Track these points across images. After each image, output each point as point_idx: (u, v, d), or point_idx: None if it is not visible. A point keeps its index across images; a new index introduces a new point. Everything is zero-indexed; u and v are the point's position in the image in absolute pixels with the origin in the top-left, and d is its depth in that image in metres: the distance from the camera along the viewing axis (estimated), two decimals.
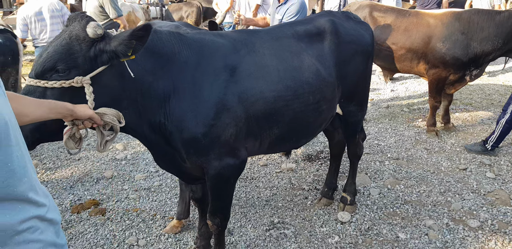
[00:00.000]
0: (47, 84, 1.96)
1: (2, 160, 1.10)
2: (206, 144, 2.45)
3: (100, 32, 2.01)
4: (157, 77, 2.31)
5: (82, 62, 2.01)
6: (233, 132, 2.50)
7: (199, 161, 2.54)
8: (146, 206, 3.99)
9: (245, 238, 3.46)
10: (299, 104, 2.75)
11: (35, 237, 1.25)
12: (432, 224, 3.57)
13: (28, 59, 10.71)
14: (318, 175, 4.57)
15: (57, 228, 1.39)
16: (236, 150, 2.60)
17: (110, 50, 2.03)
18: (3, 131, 1.08)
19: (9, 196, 1.15)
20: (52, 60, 1.97)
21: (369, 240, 3.41)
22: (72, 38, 2.03)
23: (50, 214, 1.33)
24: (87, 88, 2.00)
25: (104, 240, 3.47)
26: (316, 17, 3.22)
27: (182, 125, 2.39)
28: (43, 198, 1.32)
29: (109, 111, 2.04)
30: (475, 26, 5.00)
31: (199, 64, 2.44)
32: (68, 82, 1.97)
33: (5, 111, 1.11)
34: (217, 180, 2.62)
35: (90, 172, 4.74)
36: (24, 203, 1.21)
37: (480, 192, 4.13)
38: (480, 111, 6.71)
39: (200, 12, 11.85)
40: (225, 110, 2.45)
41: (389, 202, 3.97)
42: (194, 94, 2.39)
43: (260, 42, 2.76)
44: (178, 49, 2.40)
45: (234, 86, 2.49)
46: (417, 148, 5.26)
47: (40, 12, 5.96)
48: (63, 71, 1.98)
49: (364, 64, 3.31)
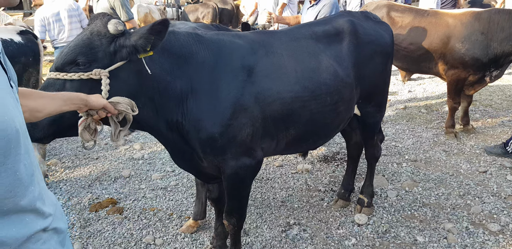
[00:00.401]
0: (66, 76, 2.03)
1: (11, 168, 1.07)
2: (223, 143, 2.46)
3: (121, 28, 2.08)
4: (174, 77, 2.34)
5: (102, 57, 2.08)
6: (249, 132, 2.51)
7: (216, 161, 2.56)
8: (162, 205, 4.01)
9: (260, 238, 3.46)
10: (317, 105, 2.75)
11: (36, 247, 1.21)
12: (451, 228, 3.52)
13: (48, 60, 10.84)
14: (335, 176, 4.54)
15: (62, 237, 1.35)
16: (253, 150, 2.61)
17: (129, 45, 2.09)
18: (14, 138, 1.06)
19: (16, 206, 1.11)
20: (73, 54, 2.05)
21: (387, 243, 3.37)
22: (93, 34, 2.11)
23: (55, 223, 1.30)
24: (104, 80, 2.05)
25: (121, 238, 3.50)
26: (335, 18, 3.20)
27: (199, 124, 2.41)
28: (50, 206, 1.30)
29: (122, 100, 2.06)
30: (495, 26, 4.92)
31: (217, 64, 2.45)
32: (86, 74, 2.03)
33: (16, 119, 1.09)
34: (234, 179, 2.63)
35: (108, 171, 4.78)
36: (31, 215, 1.18)
37: (500, 195, 4.06)
38: (500, 112, 6.61)
39: (216, 13, 11.88)
40: (242, 110, 2.46)
41: (406, 205, 3.92)
42: (211, 94, 2.41)
43: (278, 43, 2.76)
44: (196, 49, 2.43)
45: (251, 87, 2.50)
46: (435, 150, 5.20)
47: (58, 12, 6.02)
48: (83, 64, 2.05)
49: (383, 65, 3.28)
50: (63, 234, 1.36)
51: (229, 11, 12.21)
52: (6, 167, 1.06)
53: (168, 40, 2.34)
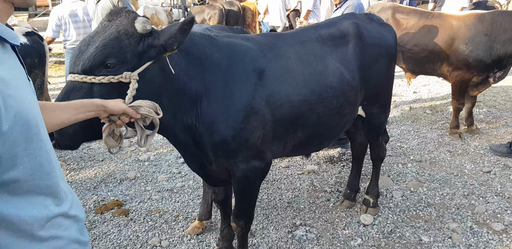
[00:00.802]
0: (95, 79, 1.93)
1: (33, 153, 1.13)
2: (235, 146, 2.47)
3: (149, 27, 2.01)
4: (190, 78, 2.32)
5: (131, 58, 2.00)
6: (260, 135, 2.53)
7: (227, 164, 2.56)
8: (168, 207, 4.03)
9: (267, 239, 3.47)
10: (323, 108, 2.77)
11: (59, 233, 1.27)
12: (456, 227, 3.54)
13: (53, 61, 10.89)
14: (340, 177, 4.56)
15: (80, 226, 1.41)
16: (263, 152, 2.62)
17: (159, 45, 2.03)
18: (34, 125, 1.12)
19: (36, 189, 1.18)
20: (102, 55, 1.94)
21: (392, 243, 3.39)
22: (121, 33, 2.00)
23: (73, 210, 1.36)
24: (133, 83, 1.97)
25: (127, 240, 3.52)
26: (340, 20, 3.21)
27: (212, 127, 2.42)
28: (68, 194, 1.36)
29: (145, 103, 1.97)
30: (498, 27, 4.93)
31: (230, 67, 2.46)
32: (116, 78, 1.95)
33: (34, 109, 1.15)
34: (244, 182, 2.65)
35: (114, 173, 4.81)
36: (50, 199, 1.24)
37: (504, 195, 4.07)
38: (504, 113, 6.61)
39: (222, 14, 11.90)
40: (254, 113, 2.47)
41: (412, 205, 3.94)
42: (225, 96, 2.42)
43: (286, 46, 2.77)
44: (210, 51, 2.43)
45: (262, 90, 2.51)
46: (440, 150, 5.21)
47: (76, 14, 6.04)
48: (113, 66, 1.95)
49: (387, 67, 3.31)
50: (81, 222, 1.41)
51: (236, 12, 12.22)
52: (29, 152, 1.12)
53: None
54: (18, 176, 1.10)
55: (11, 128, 1.05)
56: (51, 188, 1.24)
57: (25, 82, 1.19)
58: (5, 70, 1.09)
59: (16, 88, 1.09)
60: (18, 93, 1.09)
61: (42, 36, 5.20)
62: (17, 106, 1.06)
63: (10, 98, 1.04)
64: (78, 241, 1.36)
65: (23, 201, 1.15)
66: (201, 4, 14.41)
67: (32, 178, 1.14)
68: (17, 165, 1.09)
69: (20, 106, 1.07)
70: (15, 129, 1.06)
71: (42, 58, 4.71)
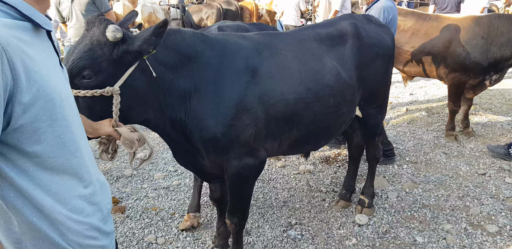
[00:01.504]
0: (79, 93, 2.01)
1: (57, 131, 1.19)
2: (226, 143, 2.48)
3: (119, 35, 2.03)
4: (178, 76, 2.36)
5: (107, 66, 2.05)
6: (252, 132, 2.54)
7: (219, 160, 2.58)
8: (165, 204, 4.04)
9: (262, 238, 3.49)
10: (320, 107, 2.77)
11: (79, 218, 1.30)
12: (450, 229, 3.56)
13: None
14: (336, 177, 4.58)
15: (105, 215, 1.45)
16: (256, 150, 2.63)
17: (134, 51, 2.07)
18: (59, 104, 1.18)
19: (60, 167, 1.22)
20: (78, 67, 2.01)
21: (387, 243, 3.41)
22: (94, 44, 2.06)
23: (97, 197, 1.39)
24: (115, 98, 2.06)
25: (123, 237, 3.53)
26: (338, 20, 3.24)
27: (202, 124, 2.44)
28: (95, 181, 1.40)
29: (126, 134, 2.11)
30: (495, 31, 4.97)
31: (221, 65, 2.48)
32: (99, 92, 2.03)
33: (62, 90, 1.21)
34: (236, 179, 2.66)
35: (110, 171, 4.81)
36: (73, 179, 1.28)
37: (499, 197, 4.10)
38: (500, 116, 6.65)
39: (220, 13, 11.90)
40: (245, 111, 2.48)
41: (407, 206, 3.96)
42: (215, 94, 2.44)
43: (283, 44, 2.78)
44: (201, 49, 2.45)
45: (255, 88, 2.52)
46: (435, 152, 5.24)
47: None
48: (90, 77, 2.03)
49: (384, 67, 3.32)
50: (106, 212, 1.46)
51: (233, 12, 12.22)
52: (53, 129, 1.18)
53: (174, 39, 2.37)
54: (42, 151, 1.16)
55: (33, 101, 1.10)
56: (75, 169, 1.28)
57: (57, 67, 1.26)
58: (34, 50, 1.15)
59: (44, 67, 1.15)
60: (45, 72, 1.15)
61: None
62: (41, 83, 1.12)
63: (35, 73, 1.10)
64: (99, 229, 1.39)
65: (46, 178, 1.20)
66: (199, 3, 14.42)
67: (55, 155, 1.20)
68: (41, 140, 1.15)
69: (45, 84, 1.13)
70: (38, 103, 1.11)
71: None
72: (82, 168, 1.31)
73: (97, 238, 1.38)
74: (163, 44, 2.28)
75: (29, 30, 1.18)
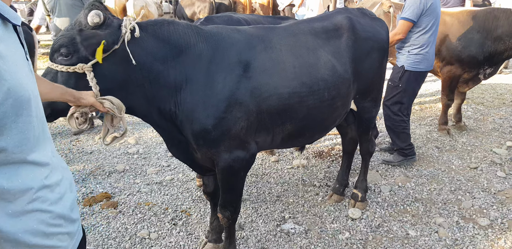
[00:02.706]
0: (57, 67, 2.17)
1: (21, 127, 1.19)
2: (216, 136, 2.49)
3: (96, 20, 2.16)
4: (168, 67, 2.38)
5: (83, 48, 2.18)
6: (244, 125, 2.53)
7: (209, 153, 2.59)
8: (157, 200, 4.03)
9: (256, 233, 3.49)
10: (314, 100, 2.76)
11: (44, 207, 1.31)
12: (442, 222, 3.58)
13: (40, 52, 10.78)
14: (329, 172, 4.59)
15: (71, 202, 1.47)
16: (246, 143, 2.63)
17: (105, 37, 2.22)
18: (25, 101, 1.18)
19: (22, 161, 1.24)
20: (57, 44, 2.17)
21: (379, 237, 3.42)
22: (76, 25, 2.22)
23: (62, 187, 1.42)
24: (88, 74, 2.17)
25: (116, 233, 3.51)
26: (333, 14, 3.22)
27: (192, 115, 2.45)
28: (56, 171, 1.41)
29: (110, 98, 2.19)
30: (490, 24, 4.97)
31: (214, 57, 2.48)
32: (72, 68, 2.15)
33: (29, 86, 1.22)
34: (227, 172, 2.66)
35: (102, 166, 4.79)
36: (36, 171, 1.29)
37: (490, 191, 4.12)
38: (492, 110, 6.69)
39: (212, 7, 11.85)
40: (237, 104, 2.47)
41: (399, 200, 3.97)
42: (206, 86, 2.44)
43: (277, 38, 2.76)
44: (194, 41, 2.46)
45: (247, 82, 2.51)
46: (428, 146, 5.25)
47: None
48: (67, 55, 2.17)
49: (379, 61, 3.31)
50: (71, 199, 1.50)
51: (226, 6, 12.16)
52: (17, 124, 1.18)
53: (167, 31, 2.40)
54: (5, 146, 1.16)
55: (3, 100, 1.10)
56: (37, 162, 1.29)
57: (24, 61, 1.26)
58: (4, 46, 1.15)
59: (13, 65, 1.15)
60: (15, 69, 1.15)
61: (31, 27, 5.14)
62: (11, 81, 1.12)
63: (5, 72, 1.10)
64: (63, 216, 1.41)
65: (10, 171, 1.21)
66: None
67: (19, 150, 1.21)
68: (4, 135, 1.15)
69: (15, 82, 1.13)
70: (7, 101, 1.12)
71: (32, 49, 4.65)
72: (45, 160, 1.33)
73: (61, 225, 1.40)
74: (153, 35, 2.36)
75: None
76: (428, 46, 4.35)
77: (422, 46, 4.33)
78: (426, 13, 4.22)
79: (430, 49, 4.37)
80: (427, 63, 4.42)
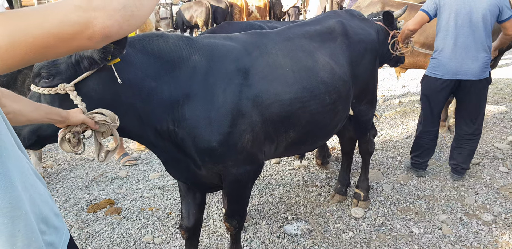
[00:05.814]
0: (39, 90, 1.98)
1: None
2: (223, 152, 2.36)
3: None
4: (161, 83, 2.21)
5: (65, 69, 1.98)
6: (249, 137, 2.42)
7: (216, 169, 2.47)
8: (161, 204, 4.04)
9: (259, 234, 3.50)
10: (316, 105, 2.68)
11: None
12: (446, 219, 3.58)
13: None
14: (331, 172, 4.59)
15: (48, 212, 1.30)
16: (254, 155, 2.52)
17: (87, 56, 1.96)
18: None
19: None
20: (37, 67, 1.99)
21: (383, 235, 3.42)
22: None
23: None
24: (71, 94, 1.96)
25: (120, 238, 3.53)
26: (324, 18, 3.18)
27: (195, 132, 2.29)
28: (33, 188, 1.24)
29: (99, 110, 1.99)
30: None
31: (211, 69, 2.33)
32: (54, 90, 1.96)
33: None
34: (235, 185, 2.58)
35: (105, 172, 4.81)
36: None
37: (493, 186, 4.12)
38: (492, 105, 6.68)
39: (209, 11, 11.91)
40: (240, 116, 2.35)
41: (402, 198, 3.98)
42: (206, 100, 2.29)
43: (272, 43, 2.67)
44: (187, 54, 2.31)
45: (248, 90, 2.39)
46: None
47: None
48: (48, 78, 1.97)
49: (373, 62, 3.31)
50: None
51: (223, 9, 12.22)
52: None
53: (156, 45, 2.24)
54: None
55: None
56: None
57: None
58: None
59: None
60: None
61: None
62: None
63: None
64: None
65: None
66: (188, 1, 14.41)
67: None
68: None
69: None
70: None
71: None
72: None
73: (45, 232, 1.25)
74: (142, 50, 2.18)
75: None
76: (443, 51, 3.93)
77: (437, 49, 3.99)
78: (441, 10, 3.91)
79: (444, 53, 3.93)
80: (444, 70, 3.96)
